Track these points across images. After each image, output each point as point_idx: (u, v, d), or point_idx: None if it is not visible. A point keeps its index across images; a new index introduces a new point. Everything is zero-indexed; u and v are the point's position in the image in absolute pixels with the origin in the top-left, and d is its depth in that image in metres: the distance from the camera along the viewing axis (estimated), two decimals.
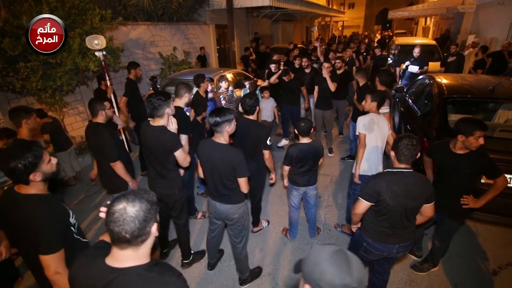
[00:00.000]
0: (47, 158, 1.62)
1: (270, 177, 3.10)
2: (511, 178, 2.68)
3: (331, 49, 8.52)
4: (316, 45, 7.78)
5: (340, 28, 29.46)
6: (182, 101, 3.03)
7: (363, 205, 2.03)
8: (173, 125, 2.43)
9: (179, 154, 2.40)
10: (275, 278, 2.83)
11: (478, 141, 2.17)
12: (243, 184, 2.29)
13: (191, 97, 3.04)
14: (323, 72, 4.88)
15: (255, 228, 3.45)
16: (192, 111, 3.77)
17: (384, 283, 2.35)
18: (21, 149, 1.53)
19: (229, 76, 5.78)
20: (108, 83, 4.30)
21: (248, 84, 4.96)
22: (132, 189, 1.09)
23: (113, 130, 3.01)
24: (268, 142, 2.78)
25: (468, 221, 3.43)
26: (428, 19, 21.01)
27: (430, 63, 7.12)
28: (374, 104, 2.96)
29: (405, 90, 5.20)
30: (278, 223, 3.61)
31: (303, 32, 20.81)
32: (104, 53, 4.03)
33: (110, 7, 6.05)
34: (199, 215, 3.73)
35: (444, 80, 4.04)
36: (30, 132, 2.70)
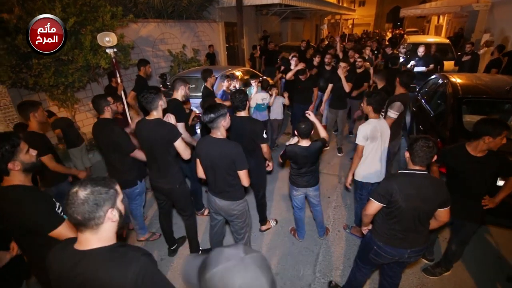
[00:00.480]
0: (25, 148, 1.66)
1: (267, 165, 3.15)
2: None
3: (353, 48, 8.38)
4: (337, 41, 7.94)
5: (350, 26, 29.15)
6: (179, 94, 3.18)
7: (374, 206, 1.99)
8: (172, 120, 2.55)
9: (179, 144, 2.47)
10: (283, 278, 2.81)
11: (502, 142, 2.15)
12: (244, 177, 2.30)
13: (188, 90, 3.23)
14: (339, 72, 4.75)
15: (263, 227, 3.44)
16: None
17: (395, 287, 2.30)
18: None
19: (238, 74, 5.76)
20: (119, 80, 4.32)
21: (254, 83, 4.90)
22: (94, 177, 1.14)
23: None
24: (265, 136, 2.84)
25: (483, 225, 3.34)
26: (441, 17, 20.56)
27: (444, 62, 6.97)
28: (369, 108, 2.80)
29: (417, 90, 5.10)
30: (286, 223, 3.58)
31: (313, 30, 20.62)
32: (115, 50, 4.06)
33: (121, 5, 6.08)
34: (206, 212, 3.73)
35: (459, 80, 3.93)
36: (39, 125, 2.78)
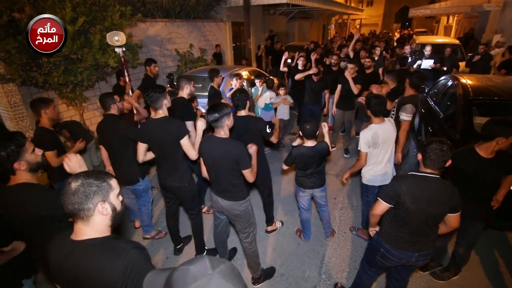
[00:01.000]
0: (31, 148, 1.68)
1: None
2: None
3: (364, 48, 8.26)
4: (358, 36, 7.71)
5: (358, 26, 28.93)
6: (185, 92, 3.27)
7: (382, 206, 1.96)
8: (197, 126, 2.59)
9: (185, 142, 2.49)
10: (289, 279, 2.80)
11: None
12: (249, 175, 2.29)
13: (192, 88, 3.33)
14: (346, 73, 4.66)
15: (269, 228, 3.42)
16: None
17: None
18: (4, 139, 1.60)
19: (245, 74, 5.76)
20: (127, 79, 4.36)
21: (259, 83, 4.86)
22: (90, 170, 1.16)
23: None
24: (268, 130, 2.87)
25: (492, 230, 3.28)
26: (451, 18, 20.28)
27: None
28: (369, 112, 2.74)
29: (427, 91, 5.03)
30: (292, 224, 3.57)
31: (320, 30, 20.50)
32: (124, 50, 4.10)
33: (130, 4, 6.12)
34: (204, 209, 3.73)
35: (469, 81, 3.87)
36: (50, 121, 2.89)
